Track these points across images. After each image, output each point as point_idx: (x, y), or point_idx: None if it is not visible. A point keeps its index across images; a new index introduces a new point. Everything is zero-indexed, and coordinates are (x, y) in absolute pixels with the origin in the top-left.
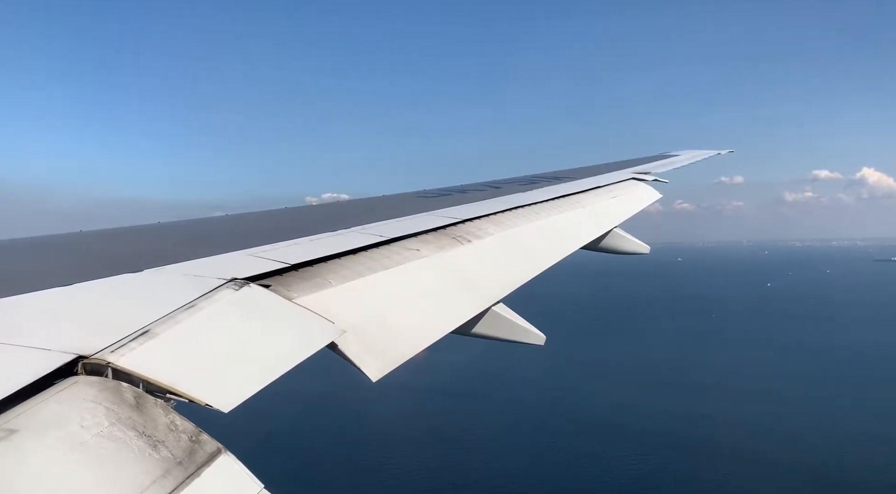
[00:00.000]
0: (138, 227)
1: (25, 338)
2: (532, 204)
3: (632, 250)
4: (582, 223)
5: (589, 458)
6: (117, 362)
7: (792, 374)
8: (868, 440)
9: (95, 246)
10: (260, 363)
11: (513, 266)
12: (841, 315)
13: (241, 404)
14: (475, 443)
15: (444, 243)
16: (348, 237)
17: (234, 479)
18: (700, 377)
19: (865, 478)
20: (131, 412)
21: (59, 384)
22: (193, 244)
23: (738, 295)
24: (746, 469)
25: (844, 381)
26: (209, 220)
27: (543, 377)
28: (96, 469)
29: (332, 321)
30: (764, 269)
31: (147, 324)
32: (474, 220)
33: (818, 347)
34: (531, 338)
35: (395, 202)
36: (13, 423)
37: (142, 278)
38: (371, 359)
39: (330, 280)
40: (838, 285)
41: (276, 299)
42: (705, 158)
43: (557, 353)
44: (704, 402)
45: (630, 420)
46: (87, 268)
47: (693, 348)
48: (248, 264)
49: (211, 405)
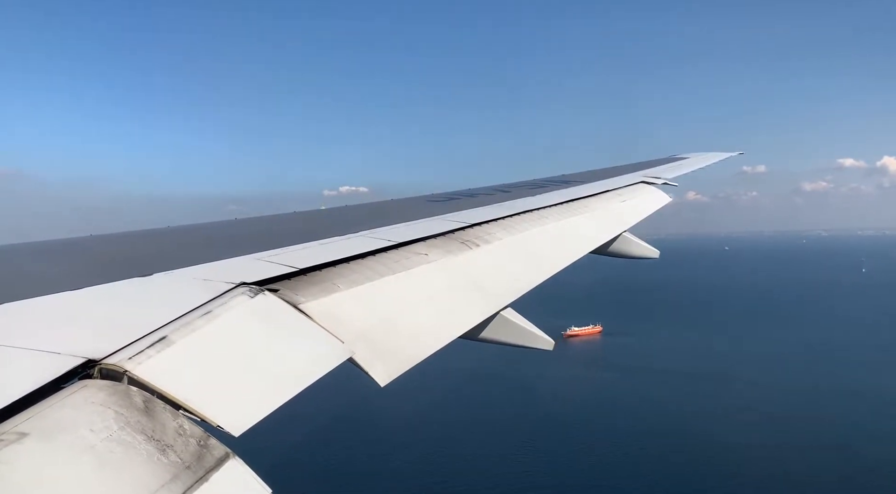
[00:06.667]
0: (147, 231)
1: (35, 342)
2: (541, 208)
3: (641, 255)
4: (591, 227)
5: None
6: (134, 370)
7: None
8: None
9: (105, 250)
10: (272, 383)
11: (521, 271)
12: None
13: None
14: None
15: (452, 247)
16: (357, 242)
17: (242, 484)
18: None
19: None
20: (140, 417)
21: (69, 388)
22: (203, 248)
23: (848, 281)
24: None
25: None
26: (218, 224)
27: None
28: (105, 473)
29: (342, 340)
30: (831, 256)
31: (158, 327)
32: (483, 224)
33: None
34: (539, 343)
35: (403, 206)
36: (23, 426)
37: (152, 283)
38: (379, 364)
39: (339, 285)
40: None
41: (288, 311)
42: (716, 162)
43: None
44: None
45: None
46: (97, 272)
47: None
48: (258, 269)
49: (222, 426)
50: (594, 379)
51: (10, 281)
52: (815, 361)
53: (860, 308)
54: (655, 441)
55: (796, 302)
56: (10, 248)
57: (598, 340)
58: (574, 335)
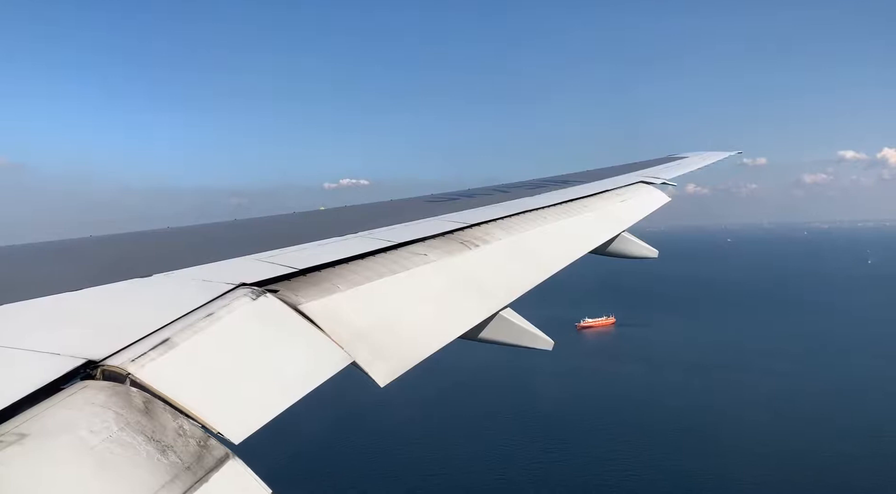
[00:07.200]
0: (146, 232)
1: (35, 342)
2: (540, 208)
3: (640, 254)
4: (590, 227)
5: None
6: (137, 373)
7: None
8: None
9: (104, 251)
10: (271, 389)
11: (521, 271)
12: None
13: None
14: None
15: (451, 247)
16: (356, 242)
17: (242, 484)
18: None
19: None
20: (140, 417)
21: (69, 389)
22: (202, 249)
23: (857, 273)
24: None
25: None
26: (217, 225)
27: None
28: (105, 474)
29: (343, 341)
30: (835, 248)
31: (159, 328)
32: (482, 224)
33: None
34: (539, 343)
35: (402, 207)
36: (23, 427)
37: (151, 283)
38: (379, 364)
39: (338, 285)
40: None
41: (289, 313)
42: (715, 161)
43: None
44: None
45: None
46: (95, 273)
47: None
48: (258, 269)
49: (223, 433)
50: (615, 372)
51: (8, 282)
52: (835, 353)
53: (872, 299)
54: (682, 432)
55: (809, 294)
56: (8, 249)
57: (611, 331)
58: (588, 326)
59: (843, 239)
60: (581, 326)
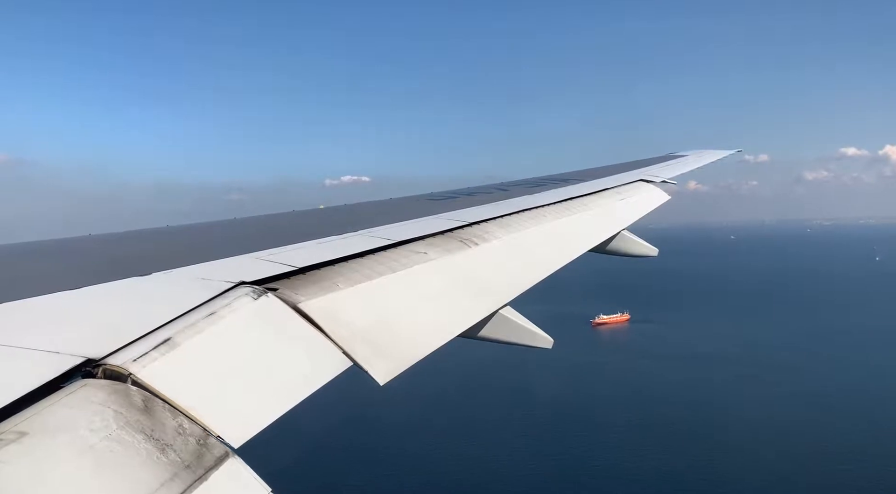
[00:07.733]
0: (144, 230)
1: (34, 341)
2: (539, 207)
3: (639, 253)
4: (589, 226)
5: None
6: (139, 373)
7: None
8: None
9: (102, 250)
10: (272, 391)
11: (520, 269)
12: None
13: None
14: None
15: (451, 246)
16: (356, 240)
17: (242, 483)
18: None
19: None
20: (139, 416)
21: (69, 388)
22: (201, 248)
23: (867, 270)
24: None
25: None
26: (216, 223)
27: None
28: (104, 473)
29: (342, 339)
30: (840, 245)
31: (158, 326)
32: (482, 223)
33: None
34: (539, 341)
35: (402, 205)
36: (23, 426)
37: (150, 282)
38: (379, 362)
39: (338, 284)
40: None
41: (289, 313)
42: (715, 160)
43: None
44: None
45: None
46: (94, 272)
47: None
48: (257, 268)
49: (222, 437)
50: (631, 368)
51: (7, 281)
52: (855, 349)
53: (884, 296)
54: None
55: (820, 291)
56: (7, 248)
57: (626, 328)
58: (602, 322)
59: (848, 236)
60: (596, 322)
